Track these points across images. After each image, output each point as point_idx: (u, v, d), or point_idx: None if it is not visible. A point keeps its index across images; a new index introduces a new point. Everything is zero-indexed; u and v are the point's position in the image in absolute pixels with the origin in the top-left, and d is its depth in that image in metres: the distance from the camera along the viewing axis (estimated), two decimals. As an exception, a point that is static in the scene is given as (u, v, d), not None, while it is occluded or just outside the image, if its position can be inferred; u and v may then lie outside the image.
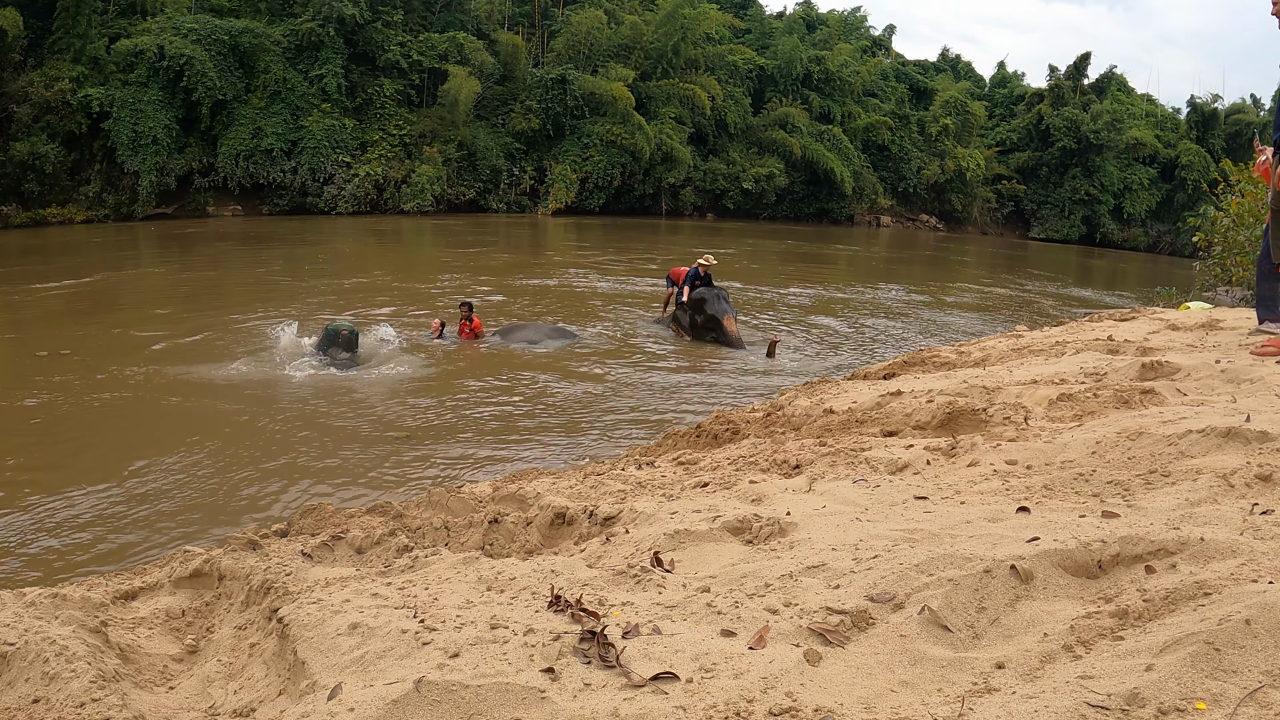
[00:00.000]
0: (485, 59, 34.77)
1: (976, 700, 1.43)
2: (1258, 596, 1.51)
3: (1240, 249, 10.74)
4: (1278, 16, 4.06)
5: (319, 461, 6.70)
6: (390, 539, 2.81)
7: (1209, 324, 6.59)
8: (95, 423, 7.51)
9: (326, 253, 21.25)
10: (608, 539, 2.51)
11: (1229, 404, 3.32)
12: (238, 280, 16.77)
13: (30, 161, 25.26)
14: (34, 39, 26.97)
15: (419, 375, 9.41)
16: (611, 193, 36.96)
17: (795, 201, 42.04)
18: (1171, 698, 1.31)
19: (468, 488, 3.48)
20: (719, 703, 1.46)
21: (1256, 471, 2.32)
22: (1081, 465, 2.75)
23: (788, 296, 16.92)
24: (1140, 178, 46.64)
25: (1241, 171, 11.55)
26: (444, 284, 16.02)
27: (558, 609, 1.88)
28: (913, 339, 13.19)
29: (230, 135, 29.57)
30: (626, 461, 4.70)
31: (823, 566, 2.01)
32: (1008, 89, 53.62)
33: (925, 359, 6.05)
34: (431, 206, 32.70)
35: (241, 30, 29.95)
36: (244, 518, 5.53)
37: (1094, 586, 1.82)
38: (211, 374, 9.06)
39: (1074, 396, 3.78)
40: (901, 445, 3.44)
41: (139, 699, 1.91)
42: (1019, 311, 16.99)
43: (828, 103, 43.34)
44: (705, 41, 41.18)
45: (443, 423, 7.82)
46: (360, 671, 1.69)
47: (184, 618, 2.44)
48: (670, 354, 11.05)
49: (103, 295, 14.36)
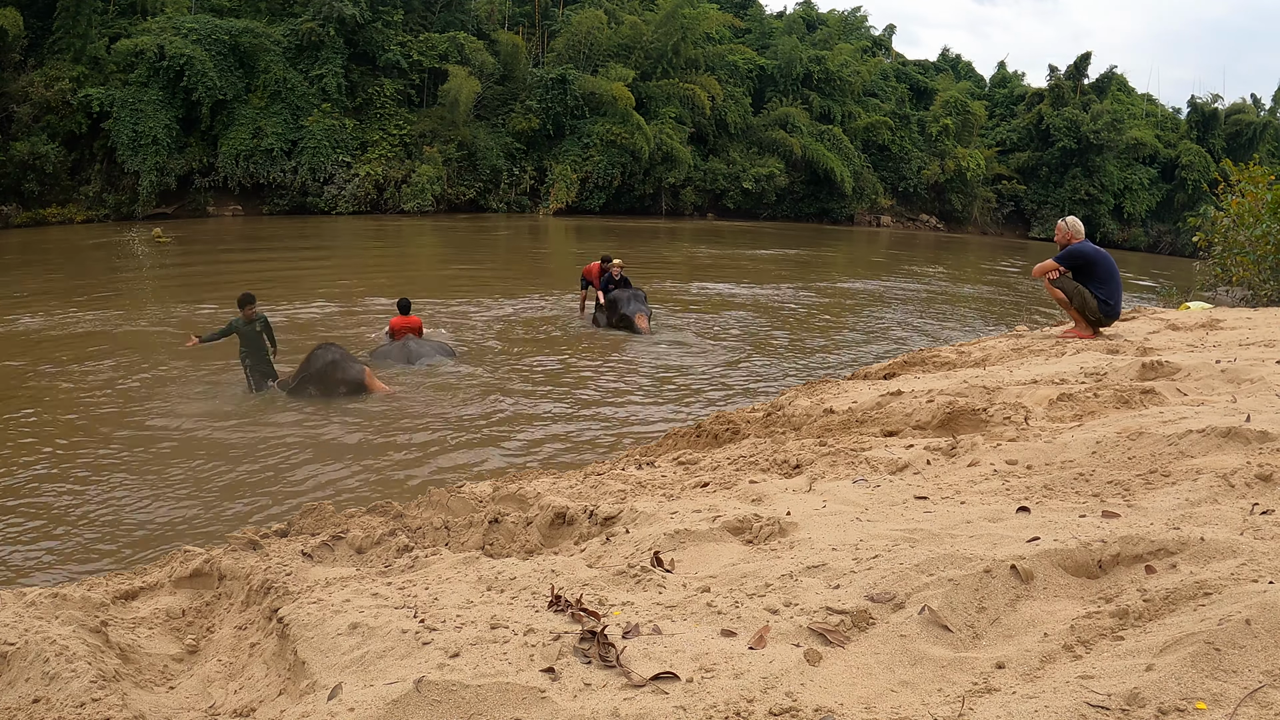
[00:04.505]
0: (485, 59, 34.79)
1: (977, 700, 1.43)
2: (1258, 596, 1.51)
3: (1240, 249, 10.73)
4: None
5: (319, 461, 6.70)
6: (390, 539, 2.80)
7: (1209, 324, 6.59)
8: (95, 422, 7.51)
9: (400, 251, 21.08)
10: (608, 539, 2.50)
11: (1229, 404, 3.32)
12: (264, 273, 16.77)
13: (30, 161, 25.28)
14: (34, 39, 26.98)
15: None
16: (612, 193, 36.96)
17: (795, 201, 42.05)
18: (1172, 698, 1.31)
19: (468, 487, 3.47)
20: (719, 702, 1.46)
21: (1257, 471, 2.32)
22: (1082, 465, 2.74)
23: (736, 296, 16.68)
24: (1140, 178, 46.65)
25: (1242, 171, 11.55)
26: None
27: (558, 609, 1.88)
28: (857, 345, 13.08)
29: (230, 135, 29.58)
30: (627, 461, 4.70)
31: (823, 566, 2.01)
32: (1008, 89, 53.63)
33: (925, 359, 6.05)
34: (431, 206, 32.71)
35: (242, 30, 29.96)
36: (244, 518, 5.53)
37: (1094, 586, 1.82)
38: (218, 376, 9.07)
39: (1074, 396, 3.79)
40: (902, 445, 3.44)
41: (139, 699, 1.91)
42: (1019, 311, 16.98)
43: (828, 103, 43.35)
44: (705, 41, 41.20)
45: (447, 422, 7.82)
46: (360, 671, 1.69)
47: (184, 618, 2.44)
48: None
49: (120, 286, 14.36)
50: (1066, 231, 6.68)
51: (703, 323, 13.29)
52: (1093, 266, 6.43)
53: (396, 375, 9.15)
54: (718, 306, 15.06)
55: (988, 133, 49.55)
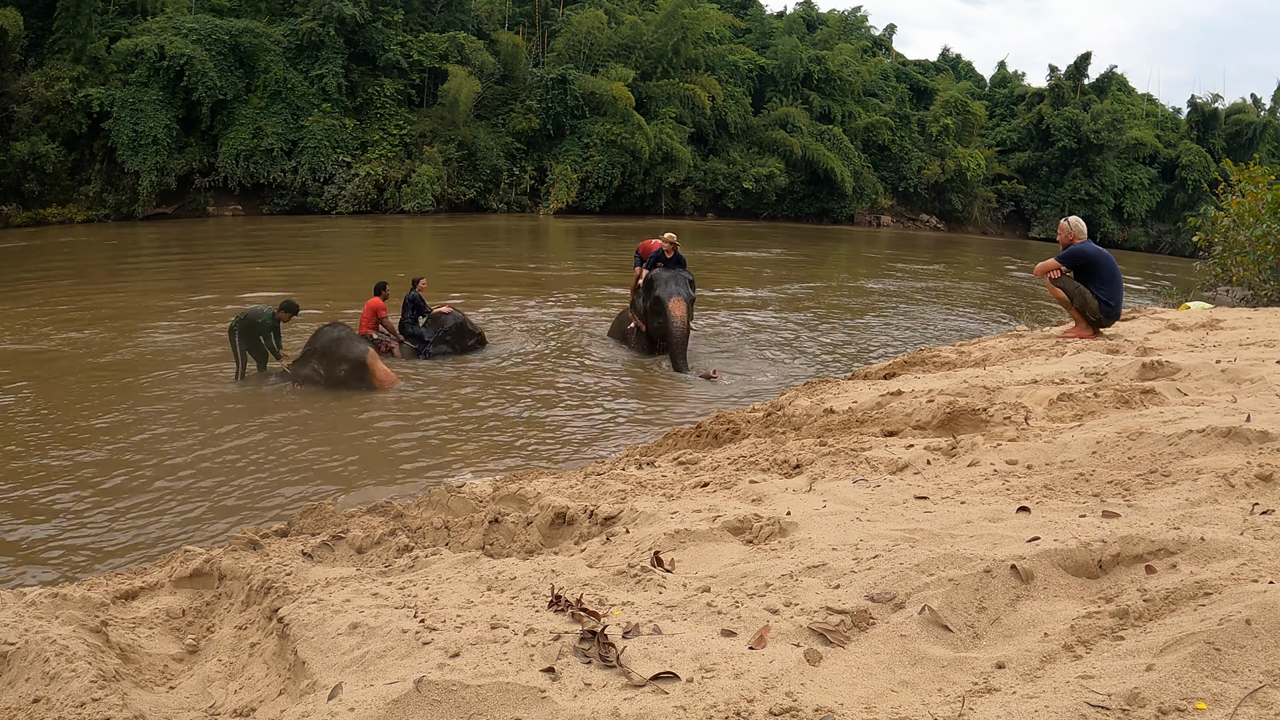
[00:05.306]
0: (485, 59, 34.79)
1: (977, 700, 1.43)
2: (1258, 596, 1.51)
3: (1240, 249, 10.72)
4: None
5: (320, 461, 6.70)
6: (391, 539, 2.80)
7: (1209, 324, 6.59)
8: (95, 420, 7.51)
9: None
10: (608, 539, 2.50)
11: (1229, 404, 3.32)
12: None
13: (30, 161, 25.27)
14: (34, 39, 26.98)
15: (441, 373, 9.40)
16: (612, 193, 36.96)
17: (795, 201, 42.06)
18: (1172, 698, 1.31)
19: (468, 487, 3.48)
20: (719, 702, 1.46)
21: (1257, 471, 2.32)
22: (1082, 465, 2.74)
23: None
24: (1140, 178, 46.66)
25: (1242, 171, 11.54)
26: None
27: (558, 609, 1.88)
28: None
29: (230, 135, 29.58)
30: (627, 461, 4.70)
31: (823, 566, 2.01)
32: (1008, 89, 53.63)
33: (925, 359, 6.05)
34: (432, 206, 32.72)
35: (242, 30, 29.97)
36: (244, 517, 5.53)
37: (1094, 586, 1.82)
38: (217, 376, 9.07)
39: (1074, 396, 3.79)
40: (902, 445, 3.44)
41: (139, 699, 1.91)
42: (1019, 311, 16.99)
43: (828, 102, 43.35)
44: (705, 41, 41.21)
45: (451, 421, 7.82)
46: (360, 671, 1.69)
47: (184, 617, 2.44)
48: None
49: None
50: (1069, 231, 6.69)
51: (703, 322, 13.31)
52: (1095, 267, 6.44)
53: (403, 370, 9.21)
54: (717, 306, 15.07)
55: (988, 133, 49.56)
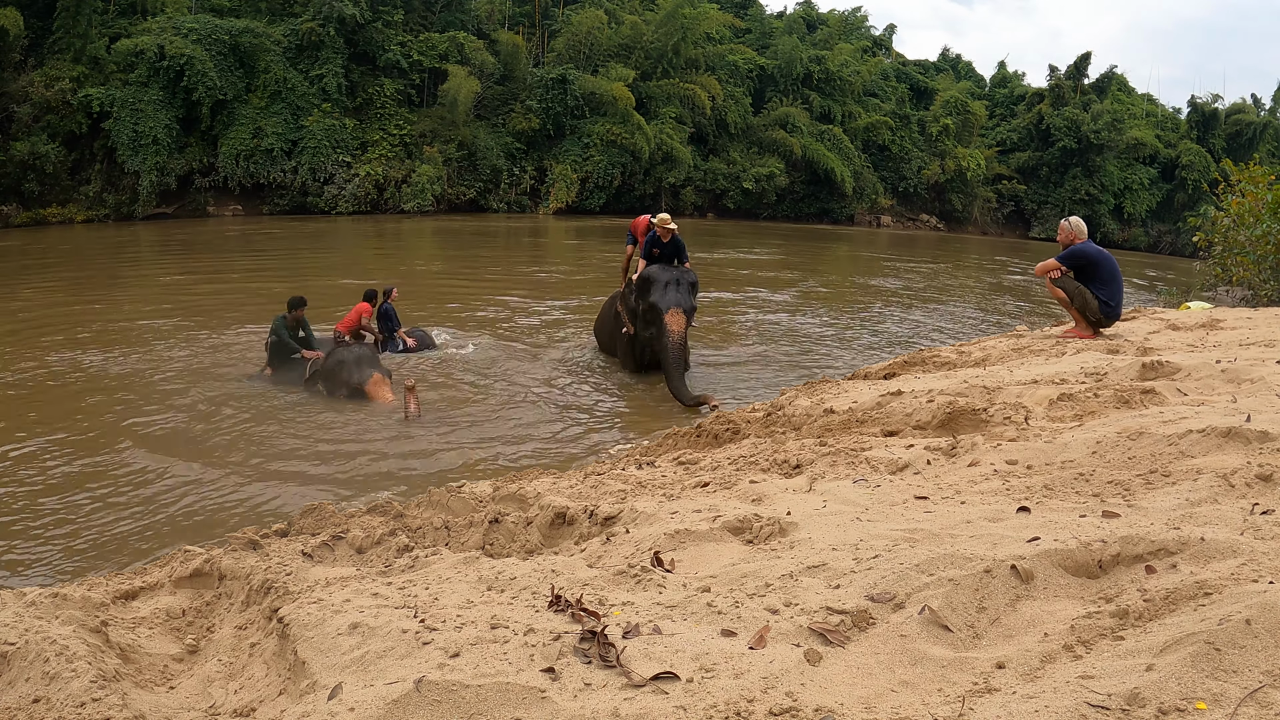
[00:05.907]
0: (485, 59, 34.78)
1: (977, 700, 1.43)
2: (1258, 596, 1.51)
3: (1240, 249, 10.72)
4: None
5: (320, 461, 6.70)
6: (391, 539, 2.81)
7: (1209, 324, 6.59)
8: (94, 421, 7.51)
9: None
10: (608, 539, 2.51)
11: (1229, 404, 3.32)
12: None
13: (30, 161, 25.25)
14: (34, 39, 26.96)
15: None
16: (612, 193, 36.94)
17: (796, 201, 42.03)
18: (1172, 698, 1.31)
19: (468, 487, 3.47)
20: (719, 702, 1.46)
21: (1257, 471, 2.32)
22: (1082, 465, 2.74)
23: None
24: (1141, 178, 46.63)
25: (1242, 171, 11.54)
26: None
27: (558, 609, 1.88)
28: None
29: (230, 135, 29.56)
30: (627, 461, 4.70)
31: (823, 566, 2.01)
32: (1008, 89, 53.61)
33: (925, 359, 6.05)
34: (432, 206, 32.71)
35: (242, 30, 29.94)
36: (244, 518, 5.53)
37: (1094, 586, 1.82)
38: (217, 375, 9.07)
39: (1074, 396, 3.79)
40: (902, 445, 3.44)
41: (139, 699, 1.91)
42: (1019, 311, 16.99)
43: (828, 102, 43.33)
44: (705, 41, 41.17)
45: (451, 421, 7.81)
46: (360, 671, 1.69)
47: (184, 617, 2.44)
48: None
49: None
50: (1070, 232, 6.70)
51: (703, 322, 13.30)
52: (1095, 267, 6.45)
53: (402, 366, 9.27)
54: (717, 306, 15.07)
55: (988, 133, 49.52)
